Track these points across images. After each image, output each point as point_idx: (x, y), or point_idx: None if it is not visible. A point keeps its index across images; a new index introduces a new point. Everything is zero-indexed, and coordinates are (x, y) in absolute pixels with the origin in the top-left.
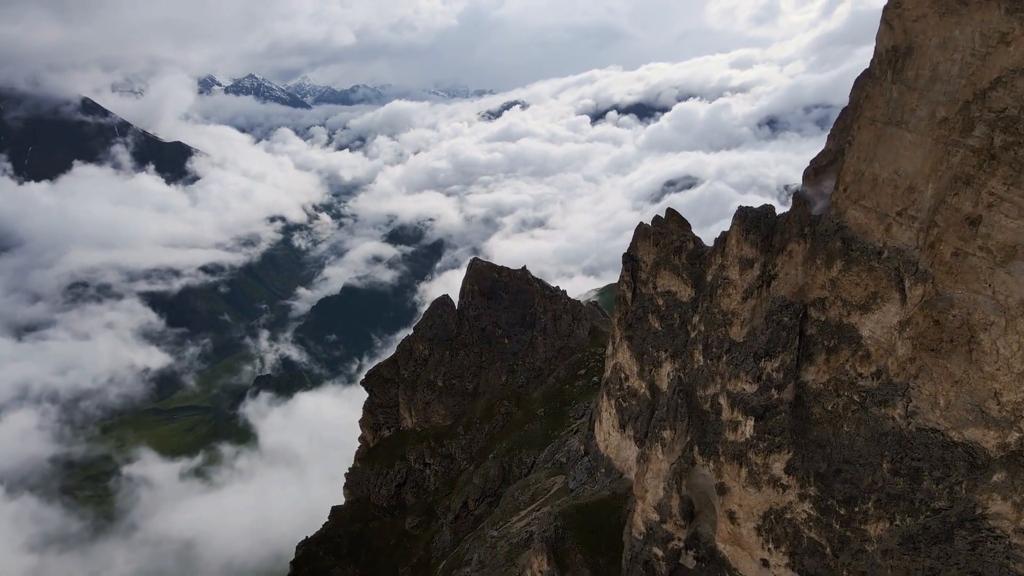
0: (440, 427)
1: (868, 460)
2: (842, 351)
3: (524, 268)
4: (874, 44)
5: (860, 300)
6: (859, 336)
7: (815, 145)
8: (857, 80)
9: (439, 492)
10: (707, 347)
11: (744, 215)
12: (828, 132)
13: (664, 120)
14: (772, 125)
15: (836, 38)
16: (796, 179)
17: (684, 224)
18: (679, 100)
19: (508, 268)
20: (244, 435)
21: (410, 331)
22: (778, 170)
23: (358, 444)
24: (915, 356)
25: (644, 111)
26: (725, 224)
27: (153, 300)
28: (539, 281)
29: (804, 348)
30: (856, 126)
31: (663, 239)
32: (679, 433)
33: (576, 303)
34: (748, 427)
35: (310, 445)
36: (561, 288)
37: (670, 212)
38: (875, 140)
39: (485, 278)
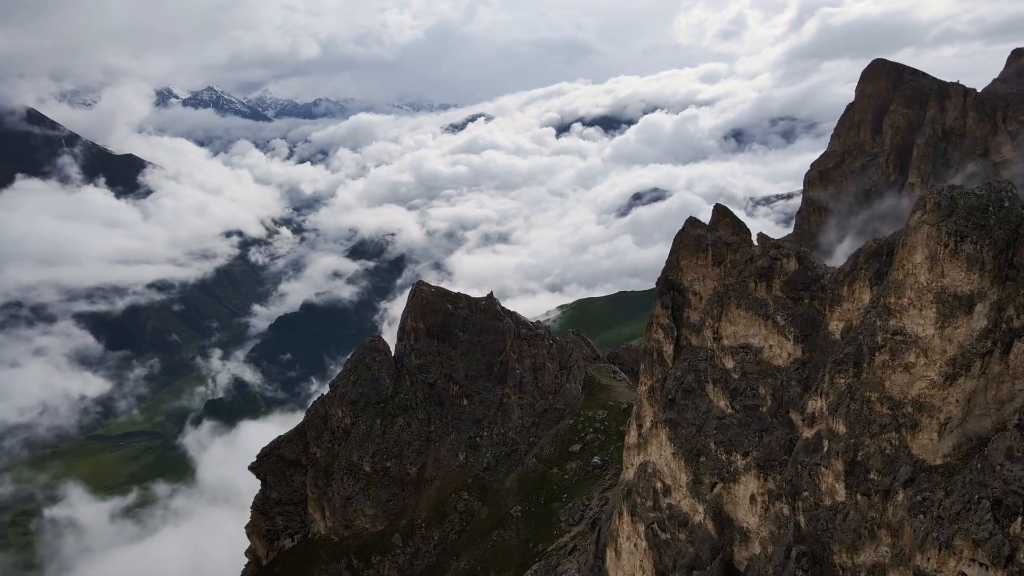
0: (367, 534)
1: None
2: None
3: (491, 295)
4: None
5: None
6: None
7: (781, 157)
8: None
9: None
10: (855, 467)
11: (949, 202)
12: (793, 145)
13: (630, 132)
14: (738, 137)
15: (803, 52)
16: (764, 190)
17: (742, 230)
18: (645, 113)
19: (467, 296)
20: (182, 470)
21: None
22: (745, 180)
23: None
24: None
25: (610, 123)
26: None
27: (93, 321)
28: (512, 314)
29: None
30: None
31: (732, 253)
32: None
33: (564, 345)
34: None
35: (253, 480)
36: (543, 323)
37: (720, 210)
38: None
39: (435, 311)
